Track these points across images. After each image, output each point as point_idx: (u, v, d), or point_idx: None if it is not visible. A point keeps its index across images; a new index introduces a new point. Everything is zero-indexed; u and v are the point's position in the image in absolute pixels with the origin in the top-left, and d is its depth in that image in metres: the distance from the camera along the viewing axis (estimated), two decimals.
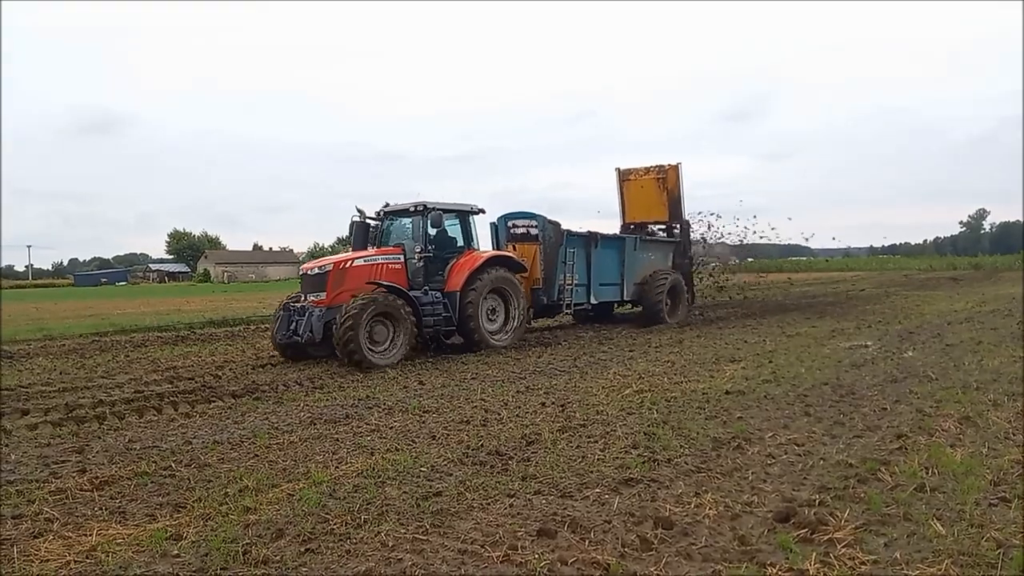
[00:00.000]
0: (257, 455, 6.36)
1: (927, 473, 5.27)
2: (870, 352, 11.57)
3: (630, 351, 12.68)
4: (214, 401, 9.03)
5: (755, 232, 23.15)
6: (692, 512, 4.65)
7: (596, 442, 6.42)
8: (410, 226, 13.58)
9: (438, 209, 13.11)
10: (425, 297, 12.72)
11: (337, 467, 5.90)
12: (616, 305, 18.44)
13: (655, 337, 14.74)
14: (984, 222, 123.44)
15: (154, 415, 8.32)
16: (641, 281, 17.73)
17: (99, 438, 7.23)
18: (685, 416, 7.32)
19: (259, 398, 9.15)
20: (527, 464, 5.80)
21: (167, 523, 4.73)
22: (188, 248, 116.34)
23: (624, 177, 20.30)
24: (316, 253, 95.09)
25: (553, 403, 8.24)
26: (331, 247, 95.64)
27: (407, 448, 6.42)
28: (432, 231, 13.26)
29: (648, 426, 6.91)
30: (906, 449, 5.92)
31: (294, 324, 12.31)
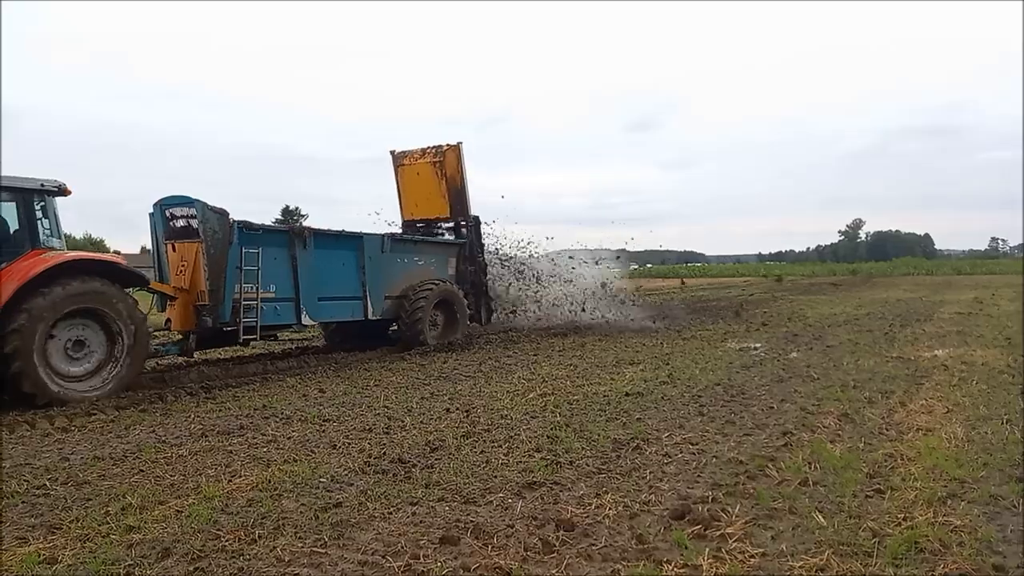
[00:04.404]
0: (142, 471, 6.00)
1: (810, 468, 5.58)
2: (758, 354, 12.17)
3: (534, 355, 12.81)
4: (94, 414, 8.43)
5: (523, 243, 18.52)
6: (593, 513, 4.74)
7: (500, 447, 6.43)
8: None
9: None
10: None
11: (230, 481, 5.64)
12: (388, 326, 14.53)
13: (559, 341, 14.96)
14: (860, 231, 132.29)
15: (27, 430, 7.69)
16: (400, 294, 13.79)
17: None
18: (587, 418, 7.45)
19: (144, 410, 8.64)
20: (430, 471, 5.75)
21: (40, 546, 4.38)
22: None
23: (399, 162, 16.34)
24: None
25: (457, 408, 8.20)
26: None
27: (306, 459, 6.23)
28: None
29: (551, 429, 6.99)
30: (791, 445, 6.25)
31: None
